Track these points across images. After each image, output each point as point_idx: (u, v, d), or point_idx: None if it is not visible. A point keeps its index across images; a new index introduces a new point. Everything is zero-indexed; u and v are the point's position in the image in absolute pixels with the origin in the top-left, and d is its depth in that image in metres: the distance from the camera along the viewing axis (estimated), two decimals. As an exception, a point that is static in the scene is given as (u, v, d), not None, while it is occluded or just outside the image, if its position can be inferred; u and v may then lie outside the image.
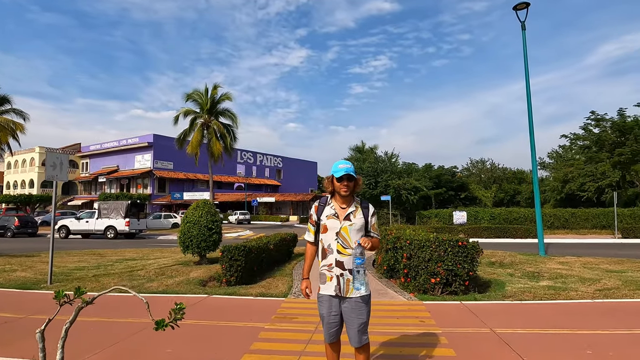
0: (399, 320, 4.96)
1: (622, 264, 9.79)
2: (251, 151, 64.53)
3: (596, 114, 28.31)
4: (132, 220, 23.01)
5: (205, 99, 30.41)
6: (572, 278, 7.79)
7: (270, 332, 4.46)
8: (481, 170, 59.19)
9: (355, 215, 2.74)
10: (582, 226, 26.97)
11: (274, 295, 6.48)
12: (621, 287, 6.75)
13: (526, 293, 6.44)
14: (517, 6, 13.10)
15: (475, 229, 23.58)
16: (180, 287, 7.19)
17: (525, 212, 28.60)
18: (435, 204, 35.87)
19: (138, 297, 2.57)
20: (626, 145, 26.13)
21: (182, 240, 10.00)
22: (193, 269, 9.21)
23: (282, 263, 10.34)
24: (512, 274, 8.50)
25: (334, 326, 2.71)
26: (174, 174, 51.95)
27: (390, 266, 8.19)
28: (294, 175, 68.15)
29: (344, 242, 2.68)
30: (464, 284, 6.42)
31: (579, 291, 6.53)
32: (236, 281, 7.37)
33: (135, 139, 52.72)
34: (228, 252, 7.39)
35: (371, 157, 35.96)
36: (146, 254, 13.13)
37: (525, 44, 13.26)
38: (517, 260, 10.66)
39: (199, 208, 10.26)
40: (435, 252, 6.43)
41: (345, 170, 2.69)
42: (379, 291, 6.91)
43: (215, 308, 5.70)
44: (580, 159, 34.95)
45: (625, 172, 27.86)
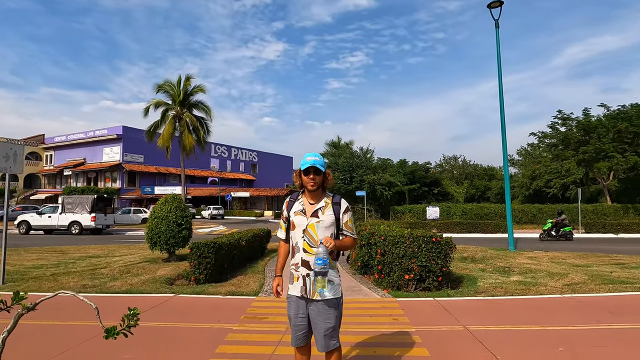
0: (373, 318, 4.85)
1: (587, 258, 10.09)
2: (225, 145, 63.38)
3: (563, 113, 29.27)
4: (98, 215, 22.04)
5: (178, 90, 29.49)
6: (541, 273, 7.94)
7: (238, 334, 4.25)
8: (454, 166, 60.52)
9: (324, 211, 2.54)
10: (548, 221, 27.93)
11: (244, 294, 6.24)
12: (587, 282, 6.90)
13: (498, 288, 6.48)
14: (491, 4, 13.23)
15: (447, 224, 23.98)
16: (145, 286, 6.84)
17: (495, 208, 29.36)
18: (409, 200, 36.31)
19: (94, 299, 2.30)
20: (590, 144, 27.16)
21: (150, 236, 9.59)
22: (161, 267, 8.84)
23: (254, 260, 10.09)
24: (483, 269, 8.59)
25: (301, 329, 2.54)
26: (144, 167, 50.33)
27: (364, 262, 8.11)
28: (269, 170, 67.53)
29: (311, 240, 2.50)
30: (437, 280, 6.39)
31: (548, 286, 6.64)
32: (205, 279, 7.08)
33: (103, 130, 50.67)
34: (197, 249, 7.09)
35: (347, 152, 35.93)
36: (112, 250, 12.56)
37: (498, 41, 13.44)
38: (488, 255, 10.82)
39: (168, 203, 9.86)
40: (409, 248, 6.37)
41: (311, 162, 2.49)
42: (353, 288, 6.80)
43: (182, 308, 5.42)
44: (548, 157, 36.20)
45: (588, 170, 29.00)
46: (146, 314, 5.02)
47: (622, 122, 26.89)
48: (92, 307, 2.15)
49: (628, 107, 27.92)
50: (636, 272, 7.89)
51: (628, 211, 27.03)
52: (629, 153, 26.64)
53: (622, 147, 26.88)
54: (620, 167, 26.63)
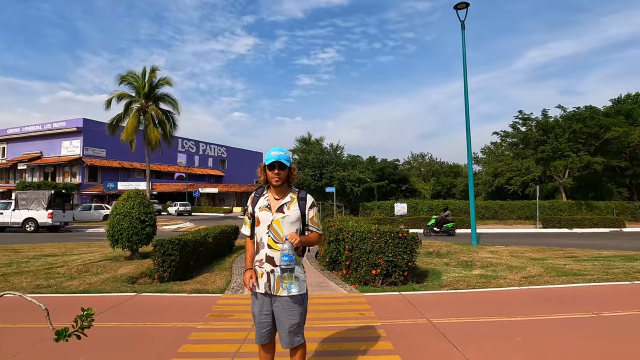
0: (339, 314, 4.88)
1: (544, 252, 10.62)
2: (193, 140, 61.92)
3: (523, 113, 30.59)
4: (56, 211, 20.98)
5: (142, 82, 28.40)
6: (501, 266, 8.26)
7: (202, 333, 4.15)
8: (421, 163, 62.02)
9: (289, 207, 2.51)
10: (509, 217, 29.18)
11: (210, 291, 6.11)
12: (543, 274, 7.25)
13: (460, 282, 6.68)
14: (457, 5, 13.58)
15: (414, 220, 24.57)
16: (105, 285, 6.56)
17: (460, 204, 30.31)
18: (378, 196, 36.85)
19: (48, 299, 2.17)
20: (547, 143, 28.57)
21: (111, 233, 9.21)
22: (122, 265, 8.51)
23: (221, 257, 9.92)
24: (448, 264, 8.84)
25: (265, 326, 2.51)
26: (107, 162, 48.34)
27: (332, 258, 8.14)
28: (238, 166, 66.59)
29: (276, 236, 2.46)
30: (403, 274, 6.52)
31: (507, 279, 6.92)
32: (170, 277, 6.89)
33: (62, 123, 48.19)
34: (161, 246, 6.88)
35: (317, 148, 35.95)
36: (70, 248, 11.98)
37: (464, 42, 13.82)
38: (452, 250, 11.16)
39: (131, 199, 9.50)
40: (376, 244, 6.45)
41: (276, 157, 2.45)
42: (321, 284, 6.81)
43: (144, 307, 5.23)
44: (509, 155, 37.74)
45: (546, 168, 30.49)
46: (105, 314, 4.81)
47: (577, 123, 28.44)
48: (42, 308, 2.03)
49: (582, 109, 29.56)
50: (587, 265, 8.37)
51: (581, 207, 28.67)
52: (583, 153, 28.21)
53: (577, 147, 28.44)
54: (574, 165, 28.16)
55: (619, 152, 30.01)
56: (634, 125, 28.64)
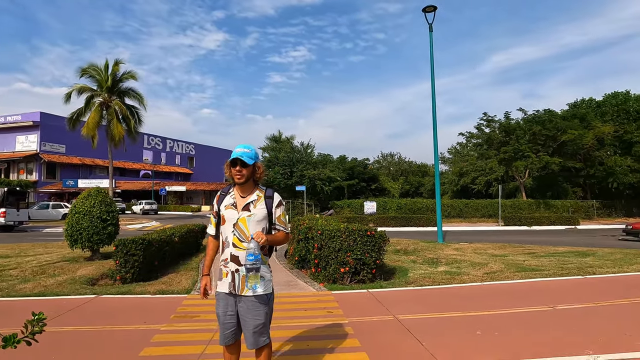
0: (307, 312, 4.88)
1: (505, 249, 11.07)
2: (160, 136, 60.08)
3: (487, 115, 31.74)
4: (9, 210, 19.79)
5: (105, 75, 27.23)
6: (465, 263, 8.54)
7: (166, 335, 4.03)
8: (390, 163, 63.10)
9: (256, 205, 2.48)
10: (474, 215, 30.21)
11: (175, 292, 5.96)
12: (504, 270, 7.56)
13: (426, 279, 6.85)
14: (426, 8, 13.89)
15: (383, 218, 24.96)
16: (62, 287, 6.25)
17: (427, 203, 31.08)
18: (348, 195, 37.19)
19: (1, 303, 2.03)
20: (509, 144, 29.79)
21: (70, 233, 8.80)
22: (82, 266, 8.15)
23: (188, 256, 9.70)
24: (414, 261, 9.04)
25: (229, 327, 2.46)
26: (66, 158, 46.04)
27: (301, 257, 8.14)
28: (207, 164, 65.22)
29: (241, 234, 2.42)
30: (371, 272, 6.60)
31: (471, 275, 7.16)
32: (132, 278, 6.66)
33: (17, 116, 45.40)
34: (123, 246, 6.64)
35: (287, 146, 35.81)
36: (25, 249, 11.33)
37: (431, 45, 14.16)
38: (419, 247, 11.42)
39: (91, 197, 9.11)
40: (345, 242, 6.50)
41: (238, 154, 2.41)
42: (289, 282, 6.79)
43: (104, 310, 5.03)
44: (474, 156, 39.08)
45: (508, 168, 31.78)
46: (62, 318, 4.59)
47: (536, 126, 29.81)
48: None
49: (542, 112, 31.02)
50: (544, 260, 8.80)
51: (540, 206, 30.09)
52: (542, 154, 29.62)
53: (536, 148, 29.82)
54: (534, 166, 29.52)
55: (574, 153, 31.71)
56: (588, 128, 30.33)
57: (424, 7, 13.85)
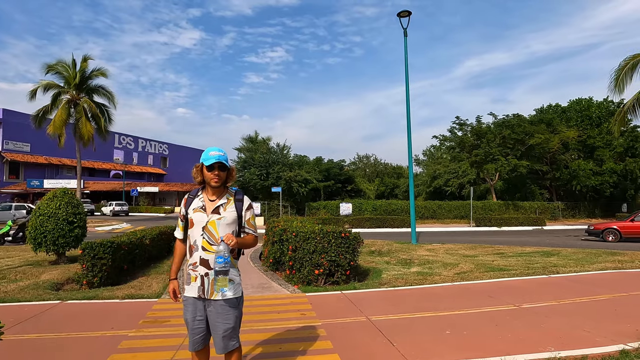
0: (280, 315, 4.86)
1: (475, 249, 11.38)
2: (132, 135, 58.47)
3: (460, 119, 32.58)
4: (-33, 212, 18.76)
5: (73, 72, 26.25)
6: (437, 263, 8.73)
7: (134, 340, 3.93)
8: (366, 164, 63.75)
9: (225, 208, 2.46)
10: (447, 216, 30.90)
11: (145, 296, 5.81)
12: (474, 270, 7.77)
13: (399, 279, 6.96)
14: (400, 13, 14.13)
15: (359, 219, 25.17)
16: (24, 293, 5.98)
17: (402, 204, 31.55)
18: (324, 196, 37.27)
19: None
20: (481, 148, 30.67)
21: (33, 236, 8.44)
22: (46, 270, 7.82)
23: (160, 259, 9.47)
24: (388, 262, 9.16)
25: (199, 332, 2.43)
26: (31, 157, 44.10)
27: (276, 259, 8.10)
28: (181, 164, 63.89)
29: (211, 237, 2.40)
30: (345, 273, 6.65)
31: (442, 275, 7.32)
32: (100, 283, 6.45)
33: (-24, 113, 43.15)
34: (90, 249, 6.43)
35: (263, 147, 35.55)
36: (-16, 253, 10.77)
37: (406, 49, 14.41)
38: (393, 248, 11.59)
39: (57, 198, 8.77)
40: (319, 244, 6.52)
41: (217, 158, 2.40)
42: (263, 285, 6.75)
43: (69, 316, 4.84)
44: (447, 158, 40.01)
45: (479, 171, 32.71)
46: (23, 325, 4.39)
47: (506, 130, 30.82)
48: None
49: (511, 116, 32.09)
50: (512, 260, 9.10)
51: (509, 207, 31.10)
52: (511, 157, 30.63)
53: (506, 152, 30.82)
54: (503, 168, 30.49)
55: (541, 157, 32.96)
56: (554, 133, 31.60)
57: (399, 12, 14.09)
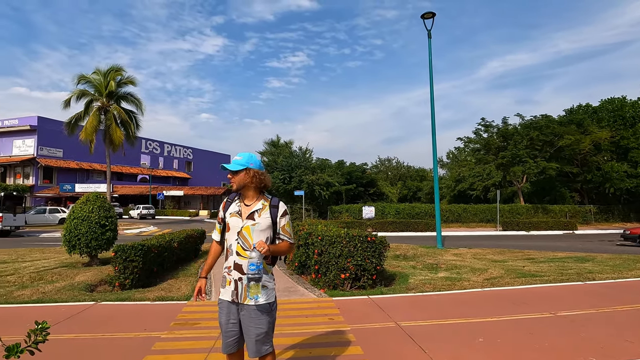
0: (308, 319, 4.85)
1: (504, 254, 11.07)
2: (158, 141, 60.04)
3: (485, 120, 31.89)
4: (6, 215, 19.69)
5: (105, 81, 27.25)
6: (465, 268, 8.53)
7: (166, 342, 4.00)
8: (388, 167, 63.18)
9: (260, 214, 2.47)
10: (472, 220, 30.22)
11: (175, 298, 5.92)
12: (504, 276, 7.55)
13: (427, 285, 6.83)
14: (424, 15, 13.97)
15: (382, 223, 24.94)
16: (61, 294, 6.20)
17: (426, 208, 31.07)
18: (346, 199, 37.19)
19: None
20: (507, 150, 29.90)
21: (68, 238, 8.76)
22: (80, 272, 8.09)
23: (187, 262, 9.65)
24: (414, 267, 9.03)
25: (232, 335, 2.45)
26: (63, 162, 45.90)
27: (301, 262, 8.12)
28: (205, 168, 65.16)
29: (245, 243, 2.42)
30: (371, 278, 6.59)
31: (471, 281, 7.15)
32: (132, 285, 6.62)
33: (13, 120, 45.31)
34: (122, 252, 6.60)
35: (286, 151, 35.80)
36: (22, 254, 11.25)
37: (430, 51, 14.23)
38: (418, 252, 11.41)
39: (90, 202, 9.07)
40: (345, 248, 6.48)
41: (226, 165, 2.53)
42: (289, 288, 6.76)
43: (103, 317, 4.98)
44: (471, 161, 39.17)
45: (505, 173, 31.88)
46: (61, 326, 4.55)
47: (534, 131, 29.95)
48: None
49: (539, 117, 31.17)
50: (544, 266, 8.80)
51: (537, 211, 30.14)
52: (539, 159, 29.74)
53: (534, 154, 29.94)
54: (531, 171, 29.62)
55: (572, 158, 31.86)
56: (585, 134, 30.49)
57: (423, 14, 13.94)
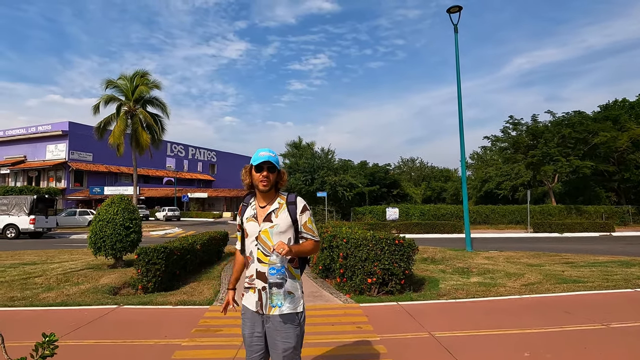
0: (335, 327, 4.58)
1: (539, 258, 10.45)
2: (182, 144, 61.17)
3: (514, 118, 30.81)
4: (38, 217, 20.32)
5: (131, 86, 27.91)
6: (499, 273, 8.05)
7: (187, 351, 3.82)
8: (411, 168, 62.16)
9: (277, 214, 2.21)
10: (500, 222, 29.21)
11: (197, 303, 5.76)
12: (543, 282, 7.05)
13: (459, 290, 6.44)
14: (450, 9, 13.48)
15: (407, 224, 24.38)
16: (84, 296, 6.16)
17: (451, 209, 30.27)
18: (369, 201, 36.70)
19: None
20: (537, 148, 28.74)
21: (94, 240, 8.80)
22: (105, 274, 8.10)
23: (210, 264, 9.55)
24: (444, 270, 8.60)
25: (257, 350, 2.19)
26: (93, 166, 47.37)
27: (325, 266, 7.85)
28: (228, 170, 65.91)
29: (265, 248, 2.16)
30: (400, 282, 6.25)
31: (507, 287, 6.69)
32: (154, 288, 6.52)
33: (47, 126, 47.12)
34: (145, 254, 6.51)
35: (308, 152, 35.66)
36: (51, 256, 11.47)
37: (457, 46, 13.72)
38: (447, 256, 10.94)
39: (115, 204, 9.10)
40: (372, 251, 6.18)
41: (266, 158, 2.15)
42: (314, 293, 6.51)
43: (125, 322, 4.87)
44: (499, 160, 37.94)
45: (535, 172, 30.67)
46: (82, 330, 4.44)
47: (566, 128, 28.68)
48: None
49: (571, 114, 29.82)
50: (586, 271, 8.21)
51: (571, 212, 28.83)
52: (572, 157, 28.43)
53: (566, 152, 28.67)
54: (564, 170, 28.35)
55: (607, 156, 30.35)
56: (622, 130, 28.98)
57: (449, 8, 13.45)
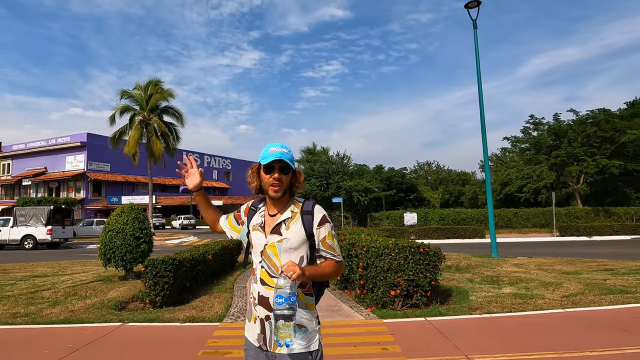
0: (358, 348, 4.07)
1: (574, 264, 9.71)
2: (197, 152, 61.52)
3: (535, 118, 29.72)
4: (55, 227, 20.37)
5: (145, 95, 28.09)
6: (533, 282, 7.40)
7: (191, 379, 3.38)
8: (428, 172, 61.12)
9: (289, 225, 1.71)
10: (524, 225, 28.10)
11: (206, 319, 5.33)
12: (585, 292, 6.38)
13: (493, 303, 5.84)
14: (468, 4, 12.93)
15: (425, 230, 23.61)
16: (89, 312, 5.80)
17: (471, 213, 29.32)
18: (386, 206, 35.94)
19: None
20: (561, 148, 27.62)
21: (103, 251, 8.52)
22: (114, 287, 7.77)
23: (222, 275, 9.15)
24: (471, 280, 7.99)
25: None
26: (111, 176, 47.96)
27: (344, 276, 7.35)
28: (243, 178, 63.73)
29: (271, 267, 1.68)
30: (425, 295, 5.71)
31: (546, 298, 6.06)
32: (162, 302, 6.12)
33: (66, 138, 48.00)
34: (152, 266, 6.13)
35: (323, 158, 35.23)
36: (63, 267, 11.27)
37: (476, 42, 13.13)
38: (472, 263, 10.29)
39: (124, 214, 8.81)
40: (394, 261, 5.66)
41: (277, 155, 1.68)
42: (332, 307, 6.01)
43: (127, 342, 4.47)
44: (520, 162, 36.74)
45: (560, 174, 29.49)
46: (82, 352, 4.05)
47: (590, 127, 27.51)
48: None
49: (596, 112, 28.60)
50: (630, 279, 7.48)
51: (599, 214, 27.54)
52: (599, 157, 27.22)
53: (592, 151, 27.47)
54: (590, 170, 27.13)
55: (637, 155, 28.97)
56: (651, 127, 27.62)
57: (467, 3, 12.90)
